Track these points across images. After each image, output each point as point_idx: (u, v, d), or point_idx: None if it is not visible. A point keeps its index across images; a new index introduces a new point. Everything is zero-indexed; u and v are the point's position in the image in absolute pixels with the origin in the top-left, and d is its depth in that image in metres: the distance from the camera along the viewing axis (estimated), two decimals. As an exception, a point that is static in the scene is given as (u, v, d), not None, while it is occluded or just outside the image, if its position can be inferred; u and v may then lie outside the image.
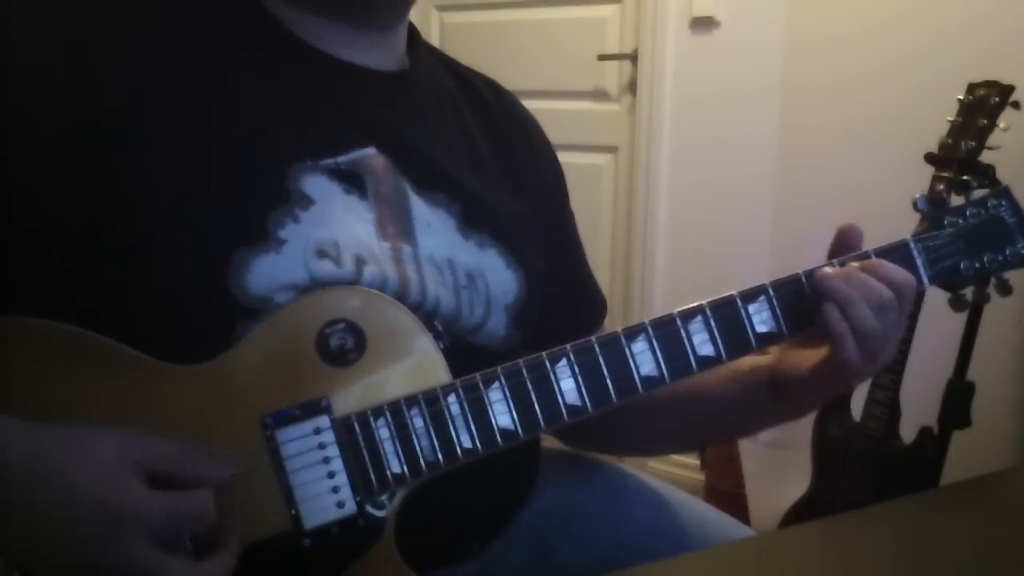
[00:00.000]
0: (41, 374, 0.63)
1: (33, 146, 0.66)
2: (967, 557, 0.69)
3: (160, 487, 0.59)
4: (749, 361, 0.79)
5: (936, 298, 0.82)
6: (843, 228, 0.77)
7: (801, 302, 0.74)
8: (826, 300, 0.72)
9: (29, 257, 0.66)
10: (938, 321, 0.84)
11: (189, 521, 0.59)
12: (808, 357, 0.76)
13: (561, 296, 0.89)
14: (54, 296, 0.66)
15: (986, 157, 1.53)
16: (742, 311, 0.73)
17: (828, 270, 0.74)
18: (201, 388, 0.65)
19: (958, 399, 1.64)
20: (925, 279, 0.77)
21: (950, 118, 1.58)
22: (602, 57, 2.55)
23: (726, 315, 0.73)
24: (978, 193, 0.81)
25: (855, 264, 0.74)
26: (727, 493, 2.18)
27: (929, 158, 1.58)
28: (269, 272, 0.67)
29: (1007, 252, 0.79)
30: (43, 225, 0.66)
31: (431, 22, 2.78)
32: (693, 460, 2.48)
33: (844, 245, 0.77)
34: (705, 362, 0.73)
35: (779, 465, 2.05)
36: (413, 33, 0.86)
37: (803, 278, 0.75)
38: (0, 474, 0.55)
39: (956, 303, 0.81)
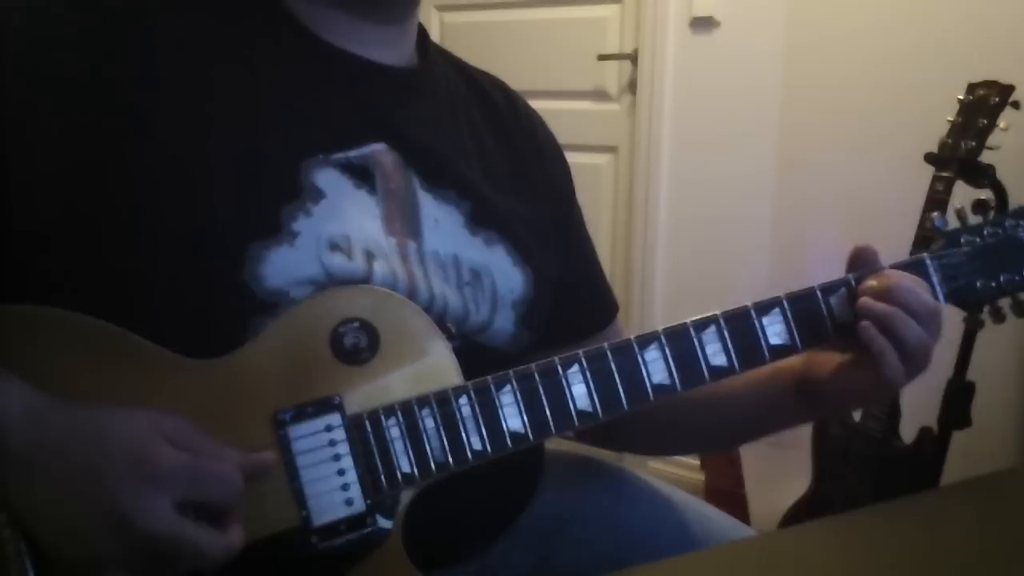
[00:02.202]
0: (54, 363, 0.63)
1: (42, 142, 0.66)
2: (967, 557, 0.69)
3: None
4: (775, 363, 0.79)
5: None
6: (858, 249, 0.77)
7: (816, 316, 0.74)
8: (865, 318, 0.72)
9: (37, 252, 0.66)
10: (938, 321, 0.84)
11: (218, 482, 0.60)
12: (839, 362, 0.76)
13: (571, 296, 0.89)
14: (66, 289, 0.66)
15: (986, 157, 1.53)
16: (756, 323, 0.73)
17: (868, 298, 0.73)
18: (215, 382, 0.66)
19: (958, 399, 1.64)
20: (940, 296, 0.77)
21: (950, 118, 1.58)
22: (602, 57, 2.54)
23: (740, 327, 0.73)
24: (995, 213, 0.80)
25: (892, 279, 0.74)
26: (727, 493, 2.18)
27: (929, 158, 1.58)
28: (284, 265, 0.68)
29: (1023, 273, 0.79)
30: (52, 220, 0.66)
31: (431, 22, 2.78)
32: (693, 460, 2.47)
33: (860, 265, 0.77)
34: (717, 372, 0.73)
35: (779, 465, 2.05)
36: (422, 32, 0.86)
37: (818, 292, 0.75)
38: (39, 436, 0.58)
39: (971, 321, 0.81)
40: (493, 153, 0.87)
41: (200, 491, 0.60)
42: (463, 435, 0.68)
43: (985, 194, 0.89)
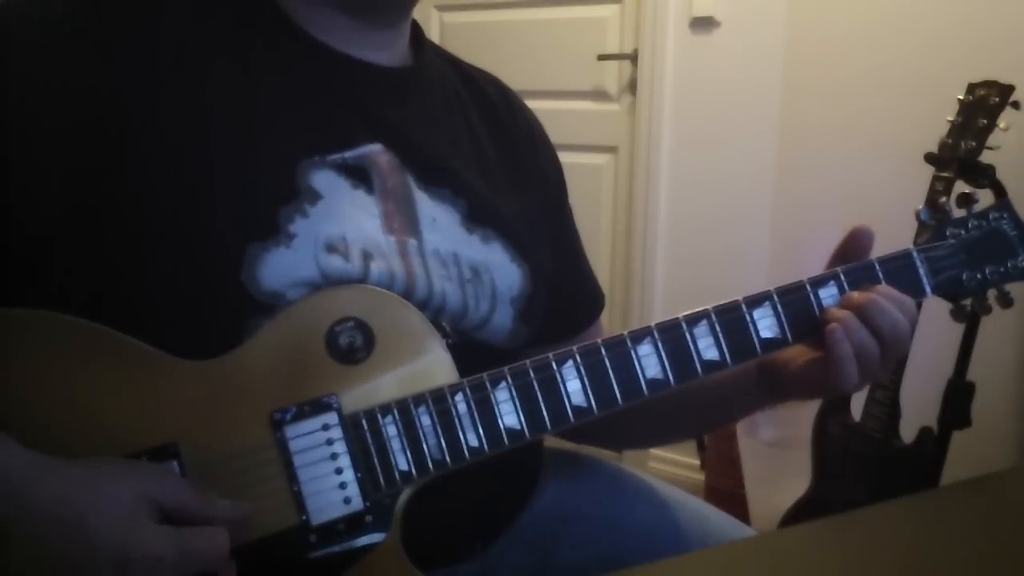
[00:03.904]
0: (50, 367, 0.63)
1: (42, 145, 0.66)
2: (967, 557, 0.69)
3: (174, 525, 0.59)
4: None
5: (936, 298, 0.82)
6: (855, 230, 0.77)
7: (806, 309, 0.74)
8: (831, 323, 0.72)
9: (35, 255, 0.66)
10: (938, 321, 0.84)
11: (204, 560, 0.59)
12: (801, 353, 0.76)
13: (561, 292, 0.89)
14: (63, 291, 0.66)
15: (986, 157, 1.53)
16: (747, 316, 0.73)
17: (835, 310, 0.73)
18: (211, 383, 0.65)
19: (958, 399, 1.64)
20: (928, 289, 0.77)
21: (950, 118, 1.58)
22: (602, 57, 2.54)
23: (731, 320, 0.73)
24: (980, 205, 0.81)
25: (864, 295, 0.74)
26: (727, 493, 2.18)
27: (929, 158, 1.58)
28: (280, 267, 0.68)
29: (1008, 264, 0.79)
30: (52, 223, 0.66)
31: (431, 22, 2.78)
32: (693, 460, 2.48)
33: (854, 247, 0.77)
34: (710, 366, 0.73)
35: (779, 465, 2.05)
36: (417, 31, 0.86)
37: (807, 285, 0.75)
38: (19, 514, 0.55)
39: (957, 314, 0.81)
40: (489, 150, 0.87)
41: (191, 568, 0.58)
42: (460, 433, 0.68)
43: (983, 194, 0.89)
